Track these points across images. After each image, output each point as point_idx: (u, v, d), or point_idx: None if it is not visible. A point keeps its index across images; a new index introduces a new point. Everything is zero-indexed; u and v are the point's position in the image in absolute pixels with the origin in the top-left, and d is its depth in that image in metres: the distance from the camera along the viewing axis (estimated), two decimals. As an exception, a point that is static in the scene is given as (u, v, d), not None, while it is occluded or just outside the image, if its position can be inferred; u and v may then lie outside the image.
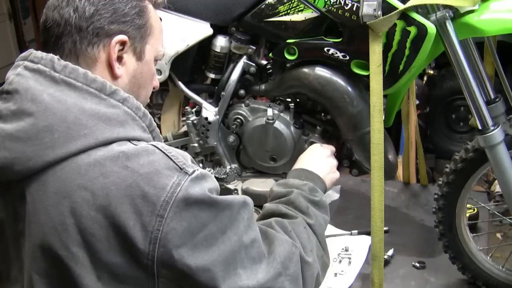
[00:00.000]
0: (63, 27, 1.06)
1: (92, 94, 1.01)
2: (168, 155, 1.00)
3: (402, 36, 1.70)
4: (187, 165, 1.00)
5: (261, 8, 1.86)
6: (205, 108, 2.02)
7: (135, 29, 1.11)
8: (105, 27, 1.07)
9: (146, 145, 1.01)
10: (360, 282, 2.08)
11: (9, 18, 4.67)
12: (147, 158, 0.98)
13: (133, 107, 1.04)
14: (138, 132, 1.04)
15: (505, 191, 1.81)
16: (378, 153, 1.69)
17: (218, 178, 2.09)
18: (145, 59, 1.15)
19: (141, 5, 1.13)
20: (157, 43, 1.18)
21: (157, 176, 0.96)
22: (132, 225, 0.94)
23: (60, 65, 1.03)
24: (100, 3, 1.07)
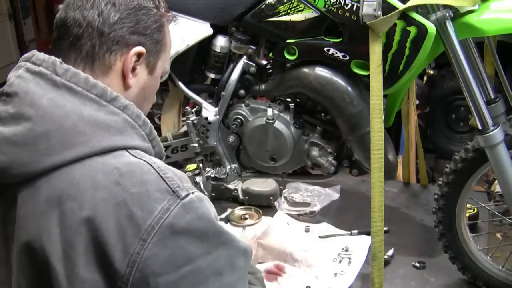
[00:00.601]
0: (85, 29, 1.05)
1: (92, 100, 1.00)
2: (163, 176, 0.96)
3: (402, 36, 1.70)
4: (181, 187, 0.96)
5: (261, 8, 1.86)
6: (205, 108, 2.02)
7: (152, 43, 1.11)
8: (126, 36, 1.07)
9: (142, 162, 0.98)
10: (360, 282, 2.08)
11: (9, 18, 4.67)
12: (140, 177, 0.95)
13: (133, 115, 1.02)
14: (136, 140, 1.02)
15: (505, 191, 1.81)
16: (378, 153, 1.69)
17: (218, 178, 2.09)
18: (155, 74, 1.15)
19: (161, 21, 1.14)
20: (166, 60, 1.19)
21: (147, 198, 0.93)
22: (113, 243, 0.91)
23: (62, 68, 1.01)
24: (125, 11, 1.07)
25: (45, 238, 0.94)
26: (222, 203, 2.65)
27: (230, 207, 2.60)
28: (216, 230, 0.97)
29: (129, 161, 0.97)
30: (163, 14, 1.15)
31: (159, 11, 1.13)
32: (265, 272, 2.07)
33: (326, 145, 1.96)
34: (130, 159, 0.98)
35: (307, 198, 2.64)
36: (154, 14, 1.11)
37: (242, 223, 2.47)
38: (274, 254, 2.18)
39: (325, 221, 2.47)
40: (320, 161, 1.96)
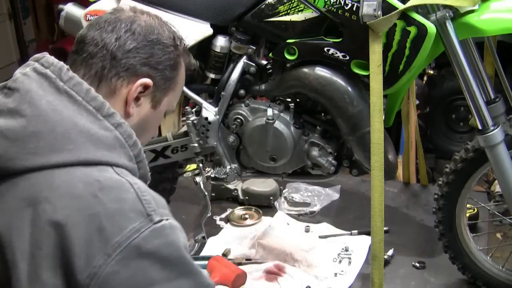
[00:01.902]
0: (100, 49, 1.08)
1: (89, 111, 1.02)
2: (141, 197, 0.98)
3: (402, 36, 1.70)
4: (156, 212, 0.97)
5: (261, 8, 1.86)
6: (205, 108, 2.02)
7: (162, 79, 1.13)
8: (137, 65, 1.09)
9: (124, 181, 0.99)
10: (360, 282, 2.08)
11: (9, 18, 4.66)
12: (118, 195, 0.97)
13: (125, 134, 1.04)
14: (123, 159, 1.03)
15: (505, 191, 1.81)
16: (378, 153, 1.69)
17: (218, 178, 2.09)
18: (158, 109, 1.17)
19: (176, 60, 1.16)
20: (174, 99, 1.21)
21: (120, 216, 0.94)
22: (78, 253, 0.92)
23: (67, 75, 1.04)
24: (142, 42, 1.10)
25: (15, 235, 0.95)
26: (222, 203, 2.65)
27: (230, 207, 2.61)
28: (181, 260, 0.98)
29: (111, 177, 0.99)
30: (180, 54, 1.18)
31: (176, 50, 1.16)
32: (265, 272, 2.07)
33: (326, 145, 1.96)
34: (112, 176, 0.99)
35: (307, 198, 2.64)
36: (171, 52, 1.14)
37: (242, 223, 2.47)
38: (274, 254, 2.18)
39: (325, 221, 2.47)
40: (320, 161, 1.96)
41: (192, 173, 2.95)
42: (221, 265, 2.04)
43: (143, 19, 1.14)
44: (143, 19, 1.14)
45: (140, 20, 1.13)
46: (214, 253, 2.19)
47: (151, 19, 1.15)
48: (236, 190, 2.66)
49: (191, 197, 2.71)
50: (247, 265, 2.13)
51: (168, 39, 1.15)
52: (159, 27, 1.15)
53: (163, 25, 1.17)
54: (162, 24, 1.17)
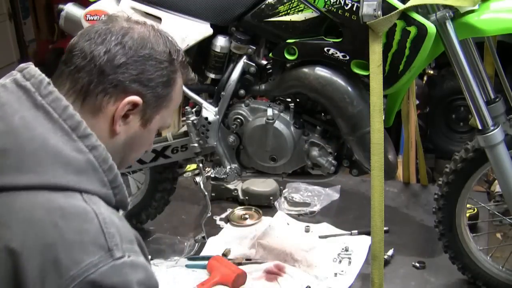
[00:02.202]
0: (87, 63, 1.02)
1: (64, 130, 0.97)
2: (104, 230, 0.92)
3: (402, 36, 1.70)
4: (118, 247, 0.92)
5: (261, 8, 1.86)
6: (205, 108, 2.02)
7: (153, 96, 1.07)
8: (126, 82, 1.03)
9: (89, 210, 0.94)
10: (360, 282, 2.08)
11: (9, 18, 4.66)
12: (80, 225, 0.91)
13: (100, 158, 0.99)
14: (94, 185, 0.98)
15: (505, 191, 1.81)
16: (378, 153, 1.69)
17: (218, 178, 2.09)
18: (149, 127, 1.11)
19: (171, 76, 1.09)
20: (167, 115, 1.14)
21: (79, 249, 0.90)
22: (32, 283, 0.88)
23: (46, 89, 0.99)
24: (132, 57, 1.04)
25: None
26: (222, 203, 2.65)
27: (230, 207, 2.61)
28: None
29: (75, 205, 0.94)
30: (176, 70, 1.11)
31: (171, 65, 1.09)
32: (265, 272, 2.07)
33: (326, 145, 1.96)
34: (78, 203, 0.94)
35: (307, 198, 2.64)
36: (164, 68, 1.07)
37: (242, 223, 2.47)
38: (274, 254, 2.18)
39: (325, 221, 2.47)
40: (320, 161, 1.96)
41: (192, 173, 2.95)
42: (221, 265, 2.04)
43: (136, 31, 1.07)
44: (136, 31, 1.06)
45: (133, 32, 1.06)
46: (214, 253, 2.19)
47: (145, 31, 1.08)
48: (236, 190, 2.66)
49: (191, 197, 2.71)
50: (247, 265, 2.13)
51: (163, 54, 1.07)
52: (153, 40, 1.07)
53: (158, 37, 1.09)
54: (158, 37, 1.09)
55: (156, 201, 2.38)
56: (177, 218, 2.57)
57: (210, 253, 2.21)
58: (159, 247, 2.33)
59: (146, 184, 2.39)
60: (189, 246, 2.29)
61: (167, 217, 2.53)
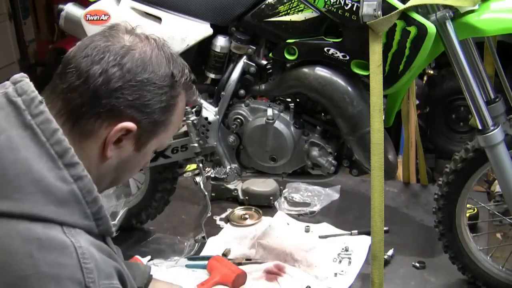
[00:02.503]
0: (82, 83, 0.96)
1: (50, 156, 0.92)
2: (82, 265, 0.89)
3: (402, 36, 1.70)
4: (96, 284, 0.89)
5: (261, 8, 1.86)
6: (205, 108, 2.02)
7: (149, 123, 1.01)
8: (120, 107, 0.97)
9: (69, 243, 0.90)
10: (360, 282, 2.08)
11: (9, 18, 4.66)
12: (57, 258, 0.88)
13: (84, 189, 0.94)
14: (76, 217, 0.93)
15: (505, 191, 1.81)
16: (378, 153, 1.69)
17: (218, 178, 2.09)
18: (143, 151, 1.05)
19: (170, 102, 1.03)
20: (166, 138, 1.09)
21: (54, 284, 0.87)
22: None
23: (37, 109, 0.94)
24: (129, 82, 0.97)
25: None
26: (222, 203, 2.65)
27: (230, 207, 2.61)
28: None
29: (55, 237, 0.90)
30: (178, 94, 1.04)
31: (172, 90, 1.03)
32: (265, 272, 2.07)
33: (326, 145, 1.96)
34: (57, 235, 0.90)
35: (307, 198, 2.64)
36: (163, 94, 1.01)
37: (242, 223, 2.47)
38: (274, 254, 2.18)
39: (325, 221, 2.47)
40: (320, 161, 1.96)
41: (192, 173, 2.95)
42: (221, 265, 2.04)
43: (138, 50, 1.00)
44: (138, 51, 0.99)
45: (134, 51, 0.99)
46: (214, 253, 2.19)
47: (148, 51, 1.01)
48: (236, 190, 2.66)
49: (191, 197, 2.71)
50: (247, 265, 2.13)
51: (163, 78, 1.01)
52: (155, 61, 1.00)
53: (162, 57, 1.02)
54: (161, 57, 1.02)
55: (156, 201, 2.38)
56: (177, 218, 2.57)
57: (210, 253, 2.21)
58: (159, 247, 2.33)
59: (146, 184, 2.39)
60: (189, 246, 2.29)
61: (167, 217, 2.53)
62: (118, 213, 2.34)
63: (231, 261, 2.12)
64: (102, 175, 1.03)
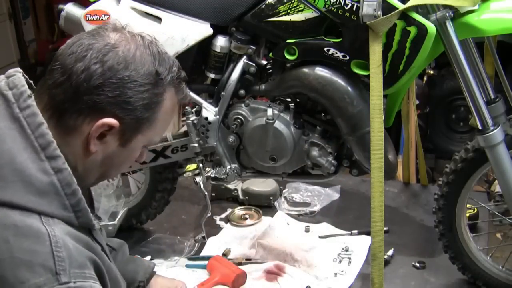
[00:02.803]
0: (65, 80, 0.99)
1: (34, 148, 0.96)
2: (55, 253, 0.93)
3: (402, 36, 1.70)
4: (65, 272, 0.92)
5: (261, 8, 1.86)
6: (205, 108, 2.02)
7: (132, 119, 1.03)
8: (102, 104, 1.00)
9: (44, 231, 0.94)
10: (360, 282, 2.08)
11: (9, 18, 4.66)
12: (31, 245, 0.92)
13: (64, 182, 0.98)
14: (54, 208, 0.97)
15: (505, 191, 1.81)
16: (378, 153, 1.69)
17: (218, 178, 2.09)
18: (129, 147, 1.07)
19: (153, 100, 1.04)
20: (153, 134, 1.10)
21: (26, 268, 0.90)
22: None
23: (25, 102, 0.98)
24: (109, 79, 0.99)
25: None
26: (222, 203, 2.65)
27: (230, 207, 2.61)
28: None
29: (31, 225, 0.94)
30: (163, 92, 1.06)
31: (156, 87, 1.04)
32: (265, 272, 2.07)
33: (326, 145, 1.96)
34: (34, 223, 0.94)
35: (307, 198, 2.64)
36: (146, 91, 1.03)
37: (242, 223, 2.47)
38: (274, 254, 2.18)
39: (325, 221, 2.47)
40: (320, 161, 1.96)
41: (192, 173, 2.95)
42: (221, 265, 2.04)
43: (121, 48, 1.01)
44: (121, 49, 1.01)
45: (117, 49, 1.01)
46: (214, 253, 2.19)
47: (132, 49, 1.02)
48: (236, 190, 2.66)
49: (191, 197, 2.71)
50: (247, 265, 2.13)
51: (146, 76, 1.02)
52: (139, 59, 1.02)
53: (147, 55, 1.04)
54: (146, 54, 1.04)
55: (156, 201, 2.38)
56: (177, 218, 2.57)
57: (210, 253, 2.21)
58: (159, 247, 2.33)
59: (146, 184, 2.39)
60: (189, 246, 2.29)
61: (167, 217, 2.53)
62: (118, 213, 2.35)
63: (231, 261, 2.12)
64: (89, 169, 1.07)
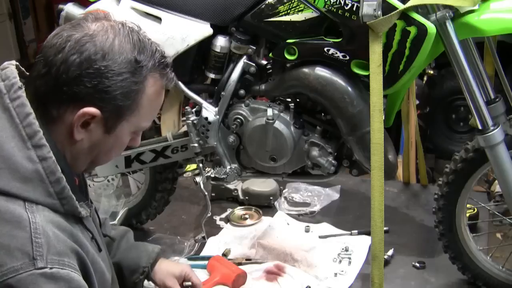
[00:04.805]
0: (46, 72, 1.04)
1: (21, 137, 1.00)
2: (33, 239, 0.96)
3: (402, 36, 1.70)
4: (42, 258, 0.96)
5: (261, 8, 1.86)
6: (205, 108, 2.02)
7: (113, 107, 1.06)
8: (81, 94, 1.03)
9: (25, 218, 0.97)
10: (360, 282, 2.08)
11: (9, 18, 4.67)
12: (10, 230, 0.96)
13: (48, 170, 1.01)
14: (38, 194, 1.00)
15: (505, 191, 1.81)
16: (378, 153, 1.69)
17: (218, 178, 2.09)
18: (114, 133, 1.10)
19: (133, 88, 1.07)
20: (139, 120, 1.12)
21: (5, 252, 0.94)
22: None
23: (16, 93, 1.02)
24: (86, 70, 1.02)
25: None
26: (222, 203, 2.65)
27: (230, 207, 2.61)
28: None
29: (13, 211, 0.97)
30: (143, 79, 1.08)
31: (134, 76, 1.06)
32: (265, 272, 2.07)
33: (326, 145, 1.96)
34: (16, 209, 0.98)
35: (307, 198, 2.64)
36: (123, 80, 1.05)
37: (242, 223, 2.47)
38: (274, 254, 2.18)
39: (325, 221, 2.47)
40: (320, 161, 1.96)
41: (192, 173, 2.95)
42: (221, 265, 2.04)
43: (99, 38, 1.04)
44: (99, 39, 1.04)
45: (95, 40, 1.03)
46: (214, 253, 2.19)
47: (110, 37, 1.05)
48: (236, 190, 2.66)
49: (191, 197, 2.71)
50: (247, 265, 2.13)
51: (124, 65, 1.04)
52: (117, 48, 1.04)
53: (126, 44, 1.06)
54: (125, 43, 1.06)
55: (156, 201, 2.38)
56: (177, 218, 2.57)
57: (210, 253, 2.21)
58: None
59: (146, 184, 2.39)
60: (189, 246, 2.29)
61: (167, 217, 2.53)
62: (118, 213, 2.35)
63: (231, 261, 2.12)
64: (77, 157, 1.10)
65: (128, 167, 2.20)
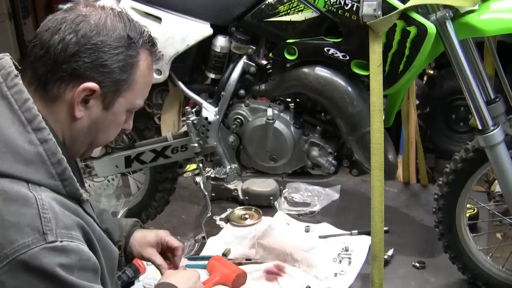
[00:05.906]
0: (44, 53, 1.07)
1: (21, 122, 1.04)
2: (41, 214, 0.99)
3: (402, 36, 1.70)
4: (52, 232, 0.99)
5: (261, 8, 1.86)
6: (205, 108, 2.02)
7: (111, 82, 1.11)
8: (80, 70, 1.07)
9: (31, 195, 1.01)
10: (360, 282, 2.08)
11: (9, 18, 4.66)
12: (19, 208, 0.99)
13: (49, 151, 1.05)
14: (41, 176, 1.04)
15: (505, 191, 1.81)
16: (378, 153, 1.69)
17: (218, 178, 2.09)
18: (112, 110, 1.15)
19: (128, 61, 1.12)
20: (134, 97, 1.17)
21: (15, 229, 0.97)
22: None
23: (13, 81, 1.06)
24: (84, 45, 1.07)
25: None
26: (222, 203, 2.65)
27: (230, 207, 2.61)
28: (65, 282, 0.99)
29: (19, 191, 1.00)
30: (137, 54, 1.13)
31: (129, 49, 1.11)
32: (265, 272, 2.07)
33: (326, 145, 1.96)
34: (21, 189, 1.01)
35: (307, 198, 2.64)
36: (119, 53, 1.10)
37: (242, 223, 2.47)
38: (274, 254, 2.18)
39: (325, 221, 2.47)
40: (320, 161, 1.96)
41: (192, 173, 2.95)
42: (221, 265, 2.04)
43: (93, 18, 1.09)
44: (93, 18, 1.09)
45: (89, 19, 1.09)
46: (214, 253, 2.20)
47: (103, 16, 1.10)
48: (236, 190, 2.66)
49: (191, 197, 2.71)
50: (247, 265, 2.13)
51: (119, 39, 1.10)
52: (110, 26, 1.10)
53: (117, 22, 1.11)
54: (117, 21, 1.11)
55: (156, 201, 2.38)
56: (177, 218, 2.57)
57: (210, 253, 2.21)
58: (159, 247, 2.33)
59: (146, 184, 2.39)
60: (189, 246, 2.29)
61: (167, 217, 2.53)
62: (118, 213, 2.35)
63: (231, 261, 2.12)
64: (76, 136, 1.14)
65: (128, 167, 2.20)
